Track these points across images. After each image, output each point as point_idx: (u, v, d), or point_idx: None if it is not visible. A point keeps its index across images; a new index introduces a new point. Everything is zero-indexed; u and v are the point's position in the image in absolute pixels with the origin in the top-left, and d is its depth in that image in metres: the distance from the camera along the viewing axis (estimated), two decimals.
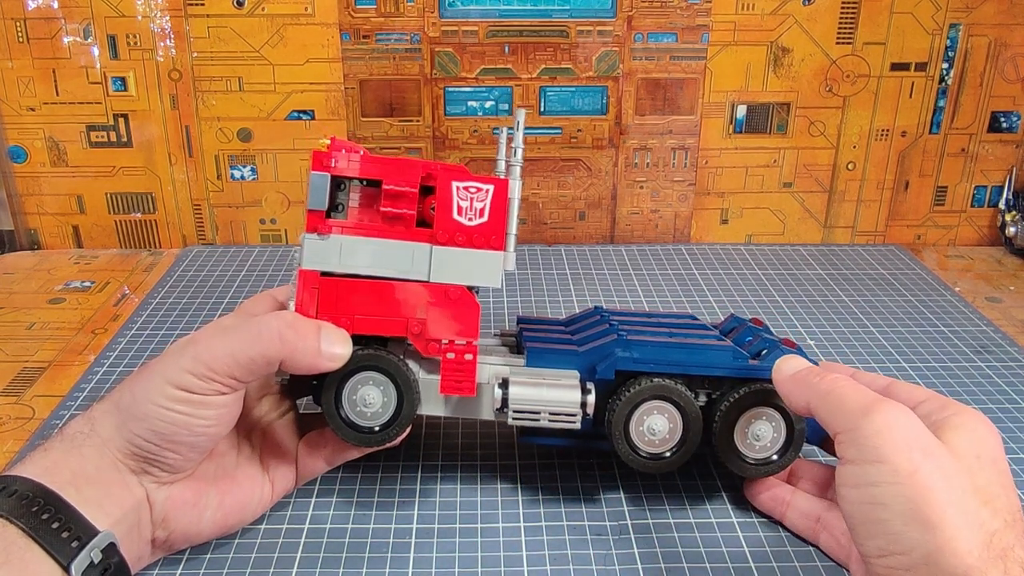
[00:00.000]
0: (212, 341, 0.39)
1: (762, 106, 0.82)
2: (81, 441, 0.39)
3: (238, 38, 0.78)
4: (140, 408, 0.38)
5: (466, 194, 0.41)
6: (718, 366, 0.45)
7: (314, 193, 0.41)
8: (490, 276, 0.42)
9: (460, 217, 0.42)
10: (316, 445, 0.46)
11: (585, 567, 0.43)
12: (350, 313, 0.42)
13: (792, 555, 0.44)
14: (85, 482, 0.37)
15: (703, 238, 0.87)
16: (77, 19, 0.77)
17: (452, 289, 0.42)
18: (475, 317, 0.43)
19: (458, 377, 0.43)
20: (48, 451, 0.38)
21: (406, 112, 0.81)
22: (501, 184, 0.42)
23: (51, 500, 0.36)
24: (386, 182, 0.41)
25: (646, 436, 0.45)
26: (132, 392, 0.39)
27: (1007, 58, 0.81)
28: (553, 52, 0.79)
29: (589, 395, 0.44)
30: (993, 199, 0.87)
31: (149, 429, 0.38)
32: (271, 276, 0.77)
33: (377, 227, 0.42)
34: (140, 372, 0.40)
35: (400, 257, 0.42)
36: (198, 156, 0.82)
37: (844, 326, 0.69)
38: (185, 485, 0.41)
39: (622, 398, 0.44)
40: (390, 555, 0.44)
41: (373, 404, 0.43)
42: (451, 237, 0.42)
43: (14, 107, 0.79)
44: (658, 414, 0.44)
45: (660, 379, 0.44)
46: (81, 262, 0.81)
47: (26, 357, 0.64)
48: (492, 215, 0.42)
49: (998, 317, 0.71)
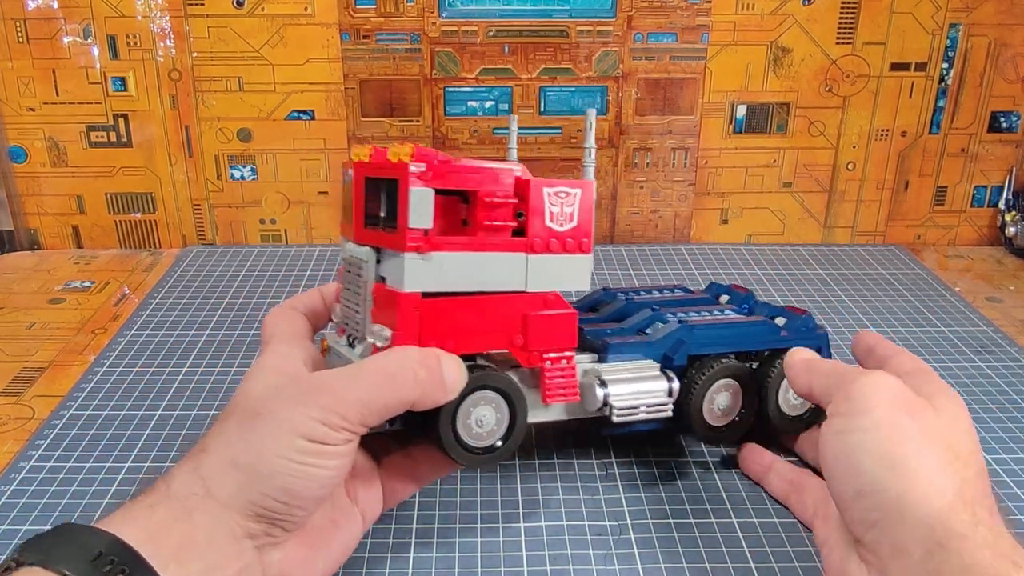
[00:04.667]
0: (341, 387, 0.36)
1: (762, 106, 0.82)
2: (193, 505, 0.34)
3: (238, 38, 0.78)
4: (268, 465, 0.34)
5: (557, 200, 0.40)
6: (764, 340, 0.50)
7: (418, 210, 0.37)
8: (580, 279, 0.42)
9: (552, 223, 0.40)
10: (401, 468, 0.43)
11: (585, 567, 0.43)
12: (454, 334, 0.39)
13: (792, 555, 0.44)
14: (192, 555, 0.33)
15: (703, 238, 0.87)
16: (77, 19, 0.77)
17: (550, 296, 0.41)
18: (573, 323, 0.42)
19: (562, 384, 0.42)
20: (154, 510, 0.34)
21: (406, 112, 0.81)
22: (588, 187, 0.41)
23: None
24: (482, 193, 0.39)
25: (715, 412, 0.48)
26: (253, 447, 0.34)
27: (1007, 58, 0.81)
28: (553, 52, 0.79)
29: (673, 383, 0.46)
30: (993, 199, 0.87)
31: (279, 487, 0.34)
32: (271, 276, 0.77)
33: (475, 240, 0.39)
34: (252, 422, 0.35)
35: (499, 269, 0.40)
36: (198, 156, 0.82)
37: (844, 326, 0.69)
38: (298, 541, 0.37)
39: (698, 381, 0.47)
40: (390, 555, 0.43)
41: (488, 423, 0.40)
42: (546, 244, 0.40)
43: (14, 107, 0.79)
44: (724, 391, 0.48)
45: (727, 359, 0.48)
46: (81, 262, 0.81)
47: (26, 357, 0.64)
48: (581, 218, 0.41)
49: (998, 317, 0.71)
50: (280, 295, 0.73)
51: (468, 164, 0.39)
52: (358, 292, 0.40)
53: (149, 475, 0.49)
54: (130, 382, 0.59)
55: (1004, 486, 0.50)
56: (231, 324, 0.68)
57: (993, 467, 0.51)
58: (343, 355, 0.41)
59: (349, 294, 0.42)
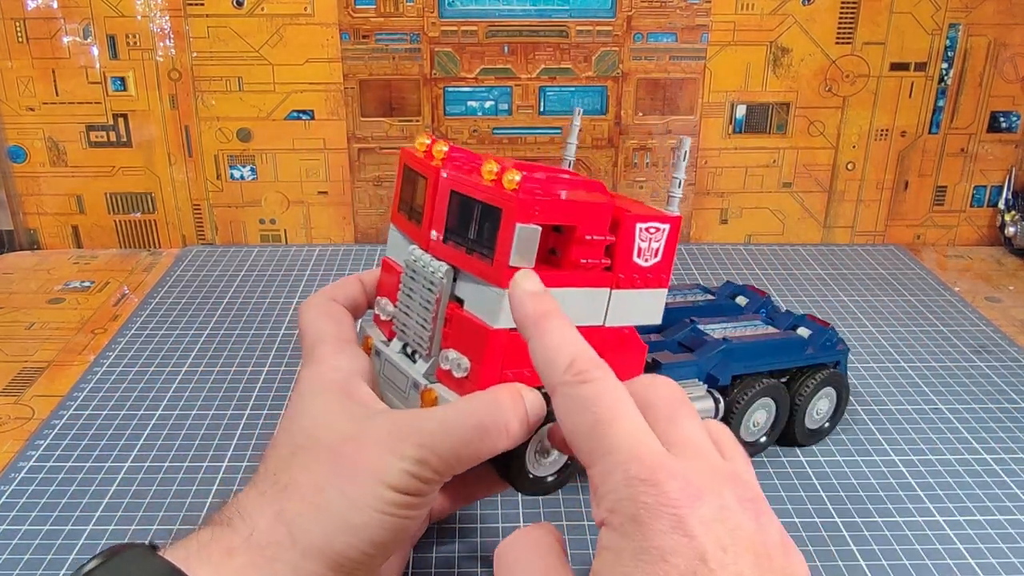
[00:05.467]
0: (433, 436, 0.33)
1: (762, 106, 0.82)
2: (275, 554, 0.32)
3: (238, 38, 0.78)
4: (358, 517, 0.32)
5: (647, 235, 0.39)
6: (796, 358, 0.51)
7: (522, 249, 0.35)
8: (653, 314, 0.40)
9: (639, 259, 0.39)
10: (449, 486, 0.41)
11: (585, 567, 0.43)
12: (530, 367, 0.36)
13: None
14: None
15: (703, 238, 0.87)
16: (77, 19, 0.77)
17: (626, 331, 0.40)
18: (642, 357, 0.41)
19: None
20: (232, 556, 0.32)
21: (406, 112, 0.81)
22: (676, 222, 0.39)
23: None
24: (581, 229, 0.36)
25: (750, 428, 0.50)
26: (345, 496, 0.32)
27: (1007, 58, 0.81)
28: (553, 52, 0.79)
29: (719, 403, 0.47)
30: (992, 199, 0.87)
31: (368, 539, 0.32)
32: (271, 276, 0.77)
33: (567, 276, 0.37)
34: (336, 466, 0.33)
35: (583, 304, 0.38)
36: (198, 156, 0.82)
37: (844, 326, 0.69)
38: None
39: (741, 400, 0.48)
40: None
41: (553, 453, 0.39)
42: (630, 280, 0.39)
43: (14, 107, 0.79)
44: (761, 409, 0.50)
45: (766, 379, 0.49)
46: (81, 262, 0.81)
47: (26, 357, 0.64)
48: (665, 254, 0.40)
49: (998, 317, 0.71)
50: (280, 295, 0.73)
51: (571, 198, 0.36)
52: (425, 307, 0.38)
53: (216, 498, 0.49)
54: (130, 382, 0.59)
55: (1004, 486, 0.50)
56: (231, 324, 0.68)
57: (993, 467, 0.52)
58: (400, 366, 0.39)
59: (410, 301, 0.39)
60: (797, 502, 0.48)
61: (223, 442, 0.53)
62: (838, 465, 0.51)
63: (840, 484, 0.50)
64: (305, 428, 0.35)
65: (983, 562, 0.44)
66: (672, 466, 0.27)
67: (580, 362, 0.30)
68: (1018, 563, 0.44)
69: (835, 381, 0.52)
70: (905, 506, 0.48)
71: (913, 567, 0.43)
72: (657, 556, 0.25)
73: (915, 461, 0.52)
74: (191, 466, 0.50)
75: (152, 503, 0.47)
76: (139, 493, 0.48)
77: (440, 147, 0.39)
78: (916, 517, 0.47)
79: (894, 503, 0.48)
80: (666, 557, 0.25)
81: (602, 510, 0.27)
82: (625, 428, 0.28)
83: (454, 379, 0.37)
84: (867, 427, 0.55)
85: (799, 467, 0.51)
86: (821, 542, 0.45)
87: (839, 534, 0.46)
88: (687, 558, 0.25)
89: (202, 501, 0.47)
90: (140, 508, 0.47)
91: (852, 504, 0.48)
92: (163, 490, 0.48)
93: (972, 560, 0.44)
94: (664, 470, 0.27)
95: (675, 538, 0.25)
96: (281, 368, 0.61)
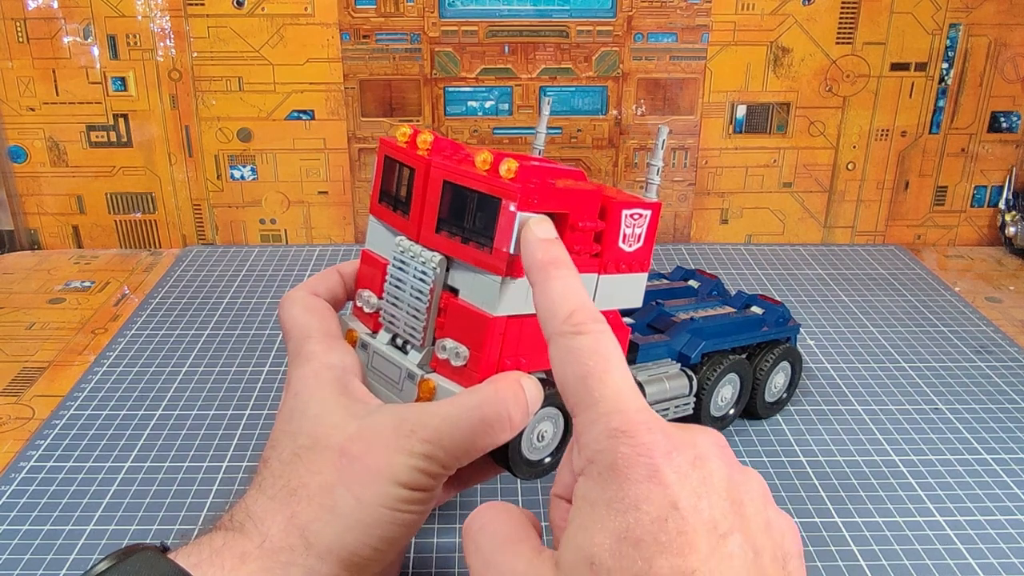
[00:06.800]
0: (438, 430, 0.33)
1: (762, 106, 0.82)
2: (289, 559, 0.32)
3: (238, 38, 0.78)
4: (370, 514, 0.32)
5: (631, 221, 0.40)
6: (755, 335, 0.53)
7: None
8: (636, 297, 0.41)
9: (623, 244, 0.40)
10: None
11: None
12: (528, 352, 0.38)
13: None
14: None
15: (703, 238, 0.87)
16: (77, 19, 0.77)
17: (610, 315, 0.40)
18: (626, 339, 0.43)
19: None
20: (245, 561, 0.31)
21: (406, 112, 0.81)
22: (656, 207, 0.41)
23: None
24: (573, 217, 0.37)
25: (718, 404, 0.52)
26: (354, 494, 0.33)
27: (1007, 58, 0.81)
28: (553, 52, 0.79)
29: (692, 380, 0.49)
30: (993, 199, 0.87)
31: (380, 536, 0.33)
32: (271, 276, 0.77)
33: None
34: (345, 465, 0.33)
35: None
36: (198, 156, 0.82)
37: (844, 326, 0.69)
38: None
39: (711, 376, 0.51)
40: None
41: (547, 437, 0.40)
42: (616, 265, 0.40)
43: (14, 107, 0.79)
44: (728, 384, 0.52)
45: (732, 355, 0.52)
46: (81, 262, 0.81)
47: (26, 357, 0.64)
48: (647, 239, 0.41)
49: (998, 317, 0.71)
50: (280, 295, 0.73)
51: (564, 186, 0.36)
52: (417, 297, 0.38)
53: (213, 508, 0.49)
54: (130, 382, 0.59)
55: (1004, 486, 0.50)
56: (231, 324, 0.68)
57: (993, 467, 0.52)
58: (392, 358, 0.39)
59: (399, 292, 0.39)
60: (798, 502, 0.48)
61: (223, 442, 0.53)
62: (838, 465, 0.51)
63: (840, 484, 0.50)
64: (307, 429, 0.35)
65: (983, 562, 0.44)
66: (652, 421, 0.27)
67: (579, 314, 0.30)
68: (1018, 563, 0.44)
69: (791, 355, 0.56)
70: (905, 506, 0.48)
71: (913, 567, 0.43)
72: (630, 504, 0.25)
73: (915, 461, 0.52)
74: (191, 466, 0.50)
75: (152, 503, 0.47)
76: (139, 493, 0.48)
77: (425, 137, 0.39)
78: (916, 517, 0.47)
79: (894, 503, 0.48)
80: (639, 505, 0.25)
81: (582, 459, 0.28)
82: (614, 382, 0.28)
83: (452, 368, 0.37)
84: (867, 427, 0.55)
85: (799, 467, 0.51)
86: (821, 542, 0.45)
87: (839, 534, 0.46)
88: (659, 506, 0.25)
89: (202, 501, 0.47)
90: (140, 508, 0.47)
91: (852, 504, 0.48)
92: (163, 490, 0.48)
93: (972, 560, 0.44)
94: (644, 424, 0.27)
95: (648, 487, 0.26)
96: (281, 368, 0.61)
